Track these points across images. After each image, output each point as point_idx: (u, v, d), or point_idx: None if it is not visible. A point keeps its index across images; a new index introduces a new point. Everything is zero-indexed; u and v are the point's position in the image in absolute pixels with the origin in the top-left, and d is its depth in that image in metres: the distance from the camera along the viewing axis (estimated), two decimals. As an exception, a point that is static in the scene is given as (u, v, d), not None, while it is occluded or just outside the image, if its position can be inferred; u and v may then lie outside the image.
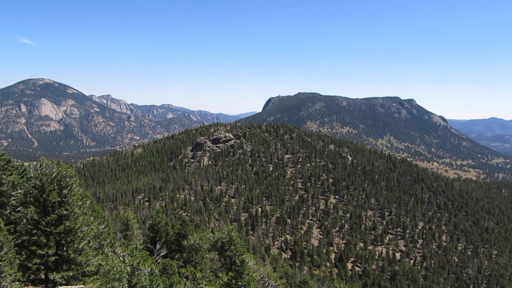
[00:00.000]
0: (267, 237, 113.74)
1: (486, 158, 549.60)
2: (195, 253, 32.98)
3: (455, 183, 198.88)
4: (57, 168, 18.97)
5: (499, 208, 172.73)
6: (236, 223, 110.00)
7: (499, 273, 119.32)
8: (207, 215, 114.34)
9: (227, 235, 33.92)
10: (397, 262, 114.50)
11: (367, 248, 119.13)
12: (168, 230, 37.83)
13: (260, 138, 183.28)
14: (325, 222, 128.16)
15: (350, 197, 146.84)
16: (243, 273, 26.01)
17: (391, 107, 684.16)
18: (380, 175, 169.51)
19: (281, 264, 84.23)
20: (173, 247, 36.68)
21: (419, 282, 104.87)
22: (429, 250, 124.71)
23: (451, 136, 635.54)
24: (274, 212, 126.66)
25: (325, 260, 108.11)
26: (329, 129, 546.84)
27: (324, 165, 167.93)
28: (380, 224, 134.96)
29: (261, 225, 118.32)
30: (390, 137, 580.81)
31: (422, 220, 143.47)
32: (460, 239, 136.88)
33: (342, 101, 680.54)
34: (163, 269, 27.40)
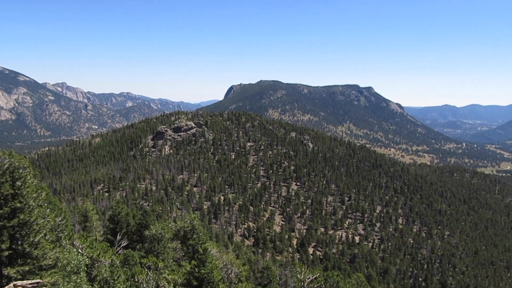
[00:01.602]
0: (230, 225, 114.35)
1: (439, 144, 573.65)
2: (157, 243, 32.72)
3: (410, 168, 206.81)
4: (9, 159, 18.17)
5: (451, 191, 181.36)
6: (198, 212, 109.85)
7: (451, 252, 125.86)
8: (169, 204, 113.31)
9: (190, 224, 33.80)
10: (356, 245, 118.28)
11: (328, 232, 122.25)
12: (129, 221, 37.27)
13: (222, 126, 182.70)
14: (287, 209, 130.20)
15: (311, 184, 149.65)
16: (206, 261, 26.12)
17: (350, 94, 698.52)
18: (340, 162, 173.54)
19: (244, 251, 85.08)
20: (134, 237, 36.19)
21: (377, 264, 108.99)
22: (386, 233, 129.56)
23: (407, 123, 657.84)
24: (237, 200, 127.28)
25: (287, 245, 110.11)
26: (290, 117, 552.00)
27: (286, 153, 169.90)
28: (340, 209, 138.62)
29: (223, 213, 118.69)
30: (350, 124, 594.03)
31: (380, 204, 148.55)
32: (415, 222, 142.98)
33: (303, 89, 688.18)
34: (124, 260, 27.05)
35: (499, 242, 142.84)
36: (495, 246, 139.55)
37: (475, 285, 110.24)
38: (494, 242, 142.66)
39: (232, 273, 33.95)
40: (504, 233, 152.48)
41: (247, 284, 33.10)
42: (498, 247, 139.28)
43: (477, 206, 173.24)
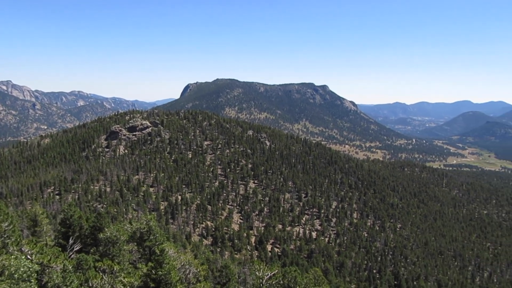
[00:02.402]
0: (188, 225, 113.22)
1: (391, 140, 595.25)
2: (112, 245, 31.83)
3: (364, 164, 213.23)
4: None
5: (402, 185, 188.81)
6: (155, 213, 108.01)
7: (403, 244, 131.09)
8: (124, 206, 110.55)
9: (146, 225, 33.16)
10: (313, 240, 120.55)
11: (286, 229, 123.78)
12: (82, 224, 36.00)
13: (178, 125, 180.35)
14: (245, 207, 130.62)
15: (269, 181, 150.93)
16: (163, 262, 25.75)
17: (306, 93, 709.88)
18: (296, 159, 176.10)
19: (203, 250, 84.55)
20: (88, 241, 35.02)
21: (334, 258, 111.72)
22: (342, 228, 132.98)
23: (360, 120, 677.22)
24: (194, 199, 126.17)
25: (246, 243, 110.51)
26: (247, 115, 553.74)
27: (243, 151, 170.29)
28: (297, 206, 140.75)
29: (181, 213, 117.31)
30: (306, 122, 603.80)
31: (336, 200, 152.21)
32: (369, 216, 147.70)
33: (260, 87, 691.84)
34: (77, 264, 26.14)
35: (447, 233, 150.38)
36: (443, 236, 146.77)
37: (425, 275, 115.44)
38: (442, 232, 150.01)
39: (190, 273, 33.65)
40: (451, 224, 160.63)
41: (205, 283, 32.94)
42: (446, 237, 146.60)
43: (426, 199, 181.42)
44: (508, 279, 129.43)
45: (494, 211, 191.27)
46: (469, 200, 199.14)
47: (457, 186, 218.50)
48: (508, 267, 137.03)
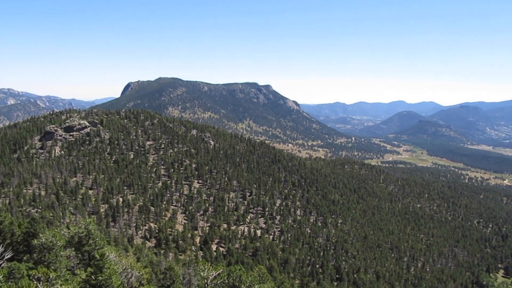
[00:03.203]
0: (130, 227, 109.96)
1: (332, 138, 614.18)
2: (47, 252, 30.23)
3: (307, 162, 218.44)
4: None
5: (343, 182, 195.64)
6: (95, 216, 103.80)
7: (344, 239, 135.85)
8: (61, 210, 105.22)
9: (85, 229, 31.88)
10: (258, 238, 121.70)
11: (230, 228, 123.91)
12: (14, 230, 33.86)
13: (119, 125, 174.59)
14: (190, 207, 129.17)
15: (213, 181, 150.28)
16: (103, 267, 24.85)
17: (250, 92, 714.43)
18: (241, 158, 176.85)
19: (146, 253, 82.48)
20: (20, 248, 33.01)
21: (278, 255, 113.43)
22: (286, 225, 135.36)
23: (303, 119, 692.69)
24: (137, 201, 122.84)
25: (190, 244, 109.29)
26: (191, 115, 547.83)
27: (187, 151, 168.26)
28: (242, 205, 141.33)
29: (123, 216, 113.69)
30: (250, 121, 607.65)
31: (280, 198, 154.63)
32: (312, 212, 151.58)
33: (204, 86, 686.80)
34: (9, 273, 24.55)
35: (384, 226, 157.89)
36: (381, 230, 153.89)
37: (365, 267, 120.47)
38: (380, 226, 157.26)
39: (132, 277, 32.76)
40: (388, 218, 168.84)
41: (148, 287, 32.24)
42: (384, 230, 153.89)
43: (365, 194, 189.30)
44: (439, 268, 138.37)
45: (426, 205, 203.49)
46: (404, 195, 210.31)
47: (393, 181, 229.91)
48: (439, 257, 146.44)
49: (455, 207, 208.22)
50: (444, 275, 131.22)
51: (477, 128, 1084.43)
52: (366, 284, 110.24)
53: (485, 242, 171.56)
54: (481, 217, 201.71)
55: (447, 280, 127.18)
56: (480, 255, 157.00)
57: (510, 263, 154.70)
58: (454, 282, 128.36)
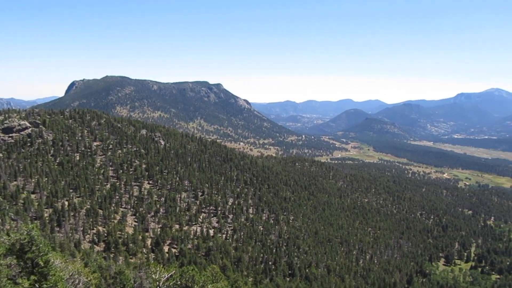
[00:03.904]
0: (77, 232, 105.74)
1: (283, 137, 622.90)
2: (-15, 261, 28.44)
3: (258, 161, 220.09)
4: None
5: (294, 179, 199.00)
6: (38, 221, 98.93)
7: (295, 235, 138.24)
8: (0, 216, 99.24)
9: (27, 235, 30.22)
10: (211, 238, 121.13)
11: (183, 229, 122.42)
12: None
13: (63, 125, 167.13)
14: (140, 209, 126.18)
15: (164, 181, 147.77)
16: (48, 274, 23.78)
17: (200, 91, 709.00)
18: (192, 158, 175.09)
19: (94, 257, 79.68)
20: (-45, 258, 30.81)
21: (231, 254, 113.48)
22: (239, 223, 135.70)
23: (254, 118, 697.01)
24: (84, 204, 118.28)
25: (141, 246, 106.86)
26: (140, 114, 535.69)
27: (137, 151, 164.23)
28: (194, 205, 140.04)
29: (69, 220, 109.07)
30: (201, 120, 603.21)
31: (232, 197, 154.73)
32: (264, 210, 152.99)
33: (153, 85, 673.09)
34: None
35: (334, 221, 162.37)
36: (331, 225, 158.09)
37: (316, 262, 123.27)
38: (330, 221, 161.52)
39: (80, 283, 31.54)
40: (337, 213, 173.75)
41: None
42: (334, 225, 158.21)
43: (316, 191, 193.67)
44: (386, 259, 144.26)
45: (373, 199, 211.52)
46: (352, 190, 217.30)
47: (342, 177, 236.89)
48: (386, 248, 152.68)
49: (400, 200, 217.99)
50: (390, 265, 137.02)
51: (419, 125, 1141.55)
52: (318, 278, 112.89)
53: (427, 233, 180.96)
54: (423, 209, 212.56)
55: (393, 271, 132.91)
56: (423, 245, 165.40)
57: (450, 252, 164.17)
58: (400, 272, 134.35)
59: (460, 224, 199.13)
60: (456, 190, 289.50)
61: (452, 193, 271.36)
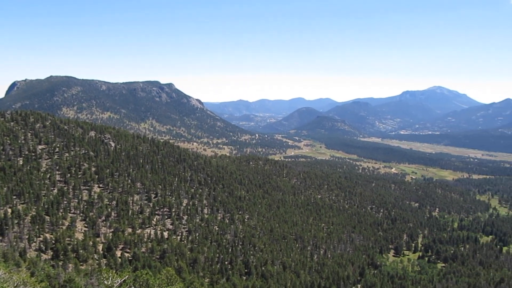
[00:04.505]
0: (22, 240, 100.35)
1: (236, 136, 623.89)
2: None
3: (212, 160, 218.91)
4: None
5: (248, 178, 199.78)
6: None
7: (251, 233, 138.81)
8: None
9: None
10: (165, 240, 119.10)
11: (136, 232, 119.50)
12: None
13: (4, 128, 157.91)
14: (90, 213, 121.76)
15: (116, 184, 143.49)
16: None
17: (152, 91, 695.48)
18: (144, 159, 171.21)
19: (42, 266, 76.00)
20: None
21: (186, 255, 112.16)
22: (194, 224, 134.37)
23: (207, 118, 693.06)
24: (29, 211, 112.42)
25: (92, 252, 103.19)
26: (88, 115, 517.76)
27: (85, 154, 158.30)
28: (147, 207, 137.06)
29: (12, 228, 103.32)
30: (153, 121, 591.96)
31: (186, 197, 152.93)
32: (219, 210, 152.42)
33: (102, 85, 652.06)
34: None
35: (289, 219, 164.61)
36: (285, 222, 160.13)
37: (272, 259, 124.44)
38: (284, 219, 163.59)
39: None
40: (292, 210, 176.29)
41: (45, 302, 29.82)
42: (288, 222, 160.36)
43: (270, 189, 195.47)
44: (339, 253, 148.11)
45: (326, 195, 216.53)
46: (306, 187, 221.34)
47: (295, 175, 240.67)
48: (339, 243, 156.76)
49: (351, 195, 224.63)
50: (343, 259, 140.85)
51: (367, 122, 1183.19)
52: (274, 276, 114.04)
53: (377, 226, 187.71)
54: (373, 203, 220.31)
55: (346, 264, 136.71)
56: (374, 238, 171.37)
57: (399, 243, 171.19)
58: (353, 265, 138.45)
59: (407, 216, 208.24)
60: (403, 184, 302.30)
61: (399, 187, 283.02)
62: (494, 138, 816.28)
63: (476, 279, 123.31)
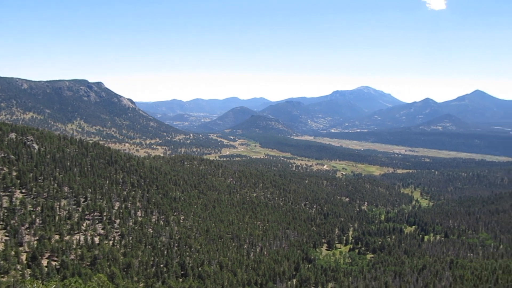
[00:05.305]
0: None
1: (170, 136, 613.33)
2: None
3: (146, 161, 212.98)
4: None
5: (183, 178, 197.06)
6: None
7: (187, 235, 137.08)
8: None
9: None
10: (97, 246, 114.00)
11: (64, 239, 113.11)
12: None
13: None
14: (11, 221, 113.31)
15: (40, 189, 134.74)
16: None
17: (79, 90, 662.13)
18: (72, 162, 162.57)
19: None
20: None
21: (120, 260, 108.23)
22: (127, 228, 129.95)
23: (139, 118, 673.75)
24: None
25: (15, 263, 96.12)
26: (8, 116, 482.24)
27: (5, 157, 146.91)
28: (76, 212, 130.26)
29: None
30: (81, 121, 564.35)
31: (118, 200, 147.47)
32: (153, 212, 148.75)
33: (22, 83, 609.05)
34: None
35: (225, 218, 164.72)
36: (222, 222, 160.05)
37: (208, 259, 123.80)
38: (221, 218, 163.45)
39: None
40: (228, 209, 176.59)
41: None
42: (224, 222, 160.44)
43: (205, 189, 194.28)
44: (275, 250, 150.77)
45: (261, 193, 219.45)
46: (241, 186, 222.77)
47: (231, 174, 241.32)
48: (275, 239, 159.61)
49: (286, 193, 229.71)
50: (279, 255, 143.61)
51: (300, 120, 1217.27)
52: (211, 276, 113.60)
53: (311, 222, 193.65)
54: (307, 199, 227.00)
55: (282, 260, 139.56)
56: (307, 233, 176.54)
57: (331, 237, 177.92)
58: (288, 260, 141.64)
59: (339, 211, 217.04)
60: (334, 180, 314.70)
61: (331, 183, 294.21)
62: (415, 135, 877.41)
63: (401, 267, 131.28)
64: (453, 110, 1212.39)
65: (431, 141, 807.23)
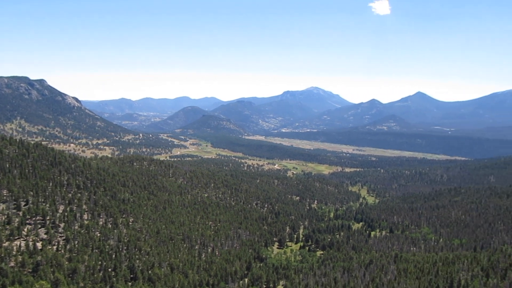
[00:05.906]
0: None
1: (119, 136, 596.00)
2: None
3: (92, 162, 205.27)
4: None
5: (132, 179, 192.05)
6: None
7: (136, 237, 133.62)
8: None
9: None
10: (39, 252, 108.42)
11: (2, 245, 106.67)
12: None
13: None
14: None
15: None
16: None
17: (19, 87, 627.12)
18: (12, 163, 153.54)
19: None
20: None
21: (64, 266, 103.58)
22: (72, 232, 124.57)
23: (86, 117, 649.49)
24: None
25: None
26: None
27: None
28: (16, 216, 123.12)
29: None
30: (21, 121, 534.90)
31: (63, 203, 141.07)
32: (101, 214, 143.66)
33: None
34: None
35: (176, 219, 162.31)
36: (172, 223, 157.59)
37: (159, 261, 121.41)
38: (172, 219, 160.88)
39: None
40: (178, 210, 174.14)
41: None
42: (175, 223, 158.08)
43: (156, 190, 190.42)
44: (227, 250, 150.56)
45: (213, 193, 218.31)
46: (192, 186, 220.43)
47: (182, 174, 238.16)
48: (226, 239, 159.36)
49: (237, 192, 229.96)
50: (231, 255, 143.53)
51: (251, 120, 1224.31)
52: (161, 278, 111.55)
53: (262, 221, 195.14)
54: (258, 199, 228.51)
55: (233, 260, 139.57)
56: (259, 232, 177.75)
57: (283, 236, 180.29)
58: (240, 260, 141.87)
59: (290, 209, 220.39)
60: (285, 179, 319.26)
61: (282, 182, 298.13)
62: (362, 134, 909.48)
63: (349, 263, 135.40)
64: (397, 111, 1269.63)
65: (377, 141, 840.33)
